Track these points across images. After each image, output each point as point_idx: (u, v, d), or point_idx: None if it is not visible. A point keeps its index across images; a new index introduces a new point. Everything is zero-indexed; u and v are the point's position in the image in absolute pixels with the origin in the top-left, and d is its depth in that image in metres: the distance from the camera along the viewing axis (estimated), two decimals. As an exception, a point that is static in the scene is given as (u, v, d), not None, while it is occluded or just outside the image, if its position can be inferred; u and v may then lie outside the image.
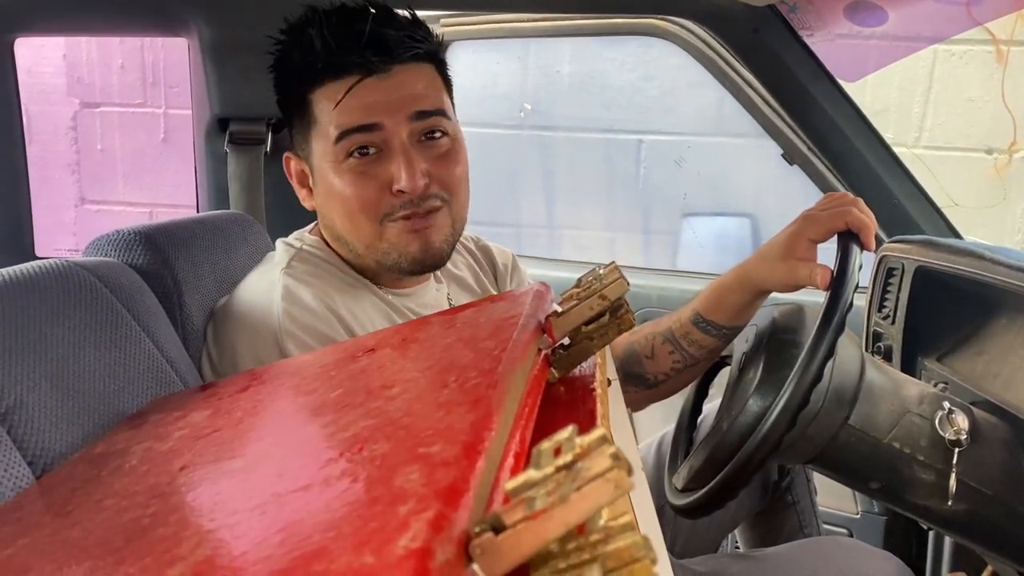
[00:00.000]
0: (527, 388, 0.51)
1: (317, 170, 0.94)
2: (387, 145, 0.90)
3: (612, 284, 0.59)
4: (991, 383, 1.11)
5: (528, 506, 0.30)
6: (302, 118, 0.94)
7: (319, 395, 0.56)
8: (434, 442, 0.39)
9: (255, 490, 0.43)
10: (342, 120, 0.89)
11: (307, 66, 0.90)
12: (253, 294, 0.92)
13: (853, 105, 1.43)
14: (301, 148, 0.97)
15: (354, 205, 0.91)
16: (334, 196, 0.92)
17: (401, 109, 0.90)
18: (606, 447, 0.31)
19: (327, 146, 0.91)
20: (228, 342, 0.90)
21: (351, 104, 0.89)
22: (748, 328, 1.17)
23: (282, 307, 0.86)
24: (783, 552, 0.97)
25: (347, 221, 0.93)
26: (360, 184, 0.90)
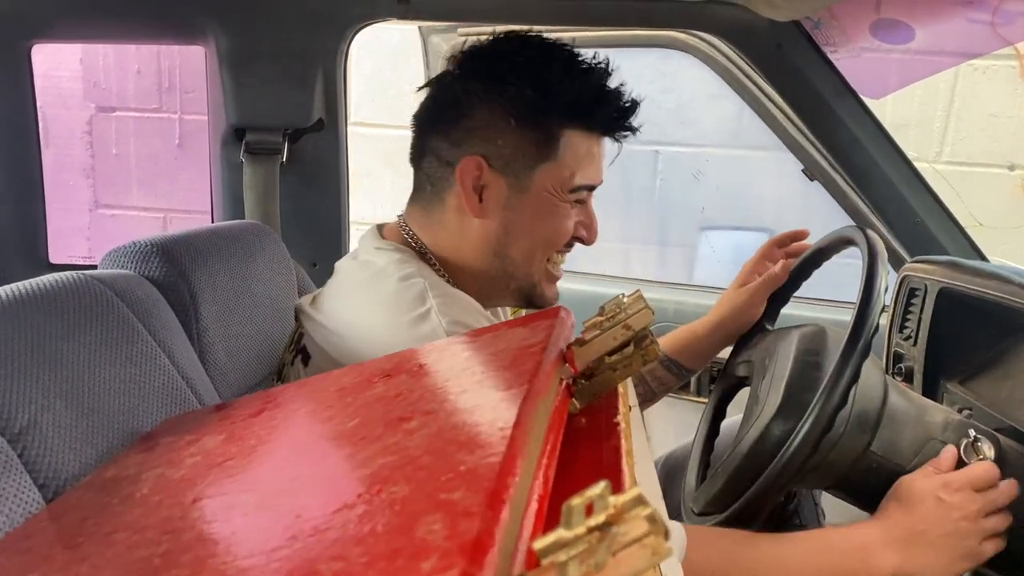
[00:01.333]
0: (549, 423, 0.49)
1: (530, 194, 0.97)
2: (587, 200, 1.02)
3: (637, 314, 0.57)
4: (1017, 409, 1.09)
5: (561, 573, 0.29)
6: (539, 145, 0.95)
7: (335, 424, 0.55)
8: (455, 488, 0.38)
9: (271, 530, 0.41)
10: (588, 174, 0.98)
11: (583, 111, 0.95)
12: (394, 315, 0.91)
13: (876, 122, 1.41)
14: (508, 164, 0.96)
15: (556, 238, 0.99)
16: (540, 224, 0.98)
17: (602, 175, 1.02)
18: (641, 509, 0.30)
19: (559, 185, 0.96)
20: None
21: (596, 163, 0.99)
22: (767, 349, 1.15)
23: (445, 322, 0.87)
24: None
25: (536, 246, 0.99)
26: (564, 224, 0.99)
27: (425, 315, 0.87)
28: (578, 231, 1.01)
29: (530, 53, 0.97)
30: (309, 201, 1.42)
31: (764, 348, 1.16)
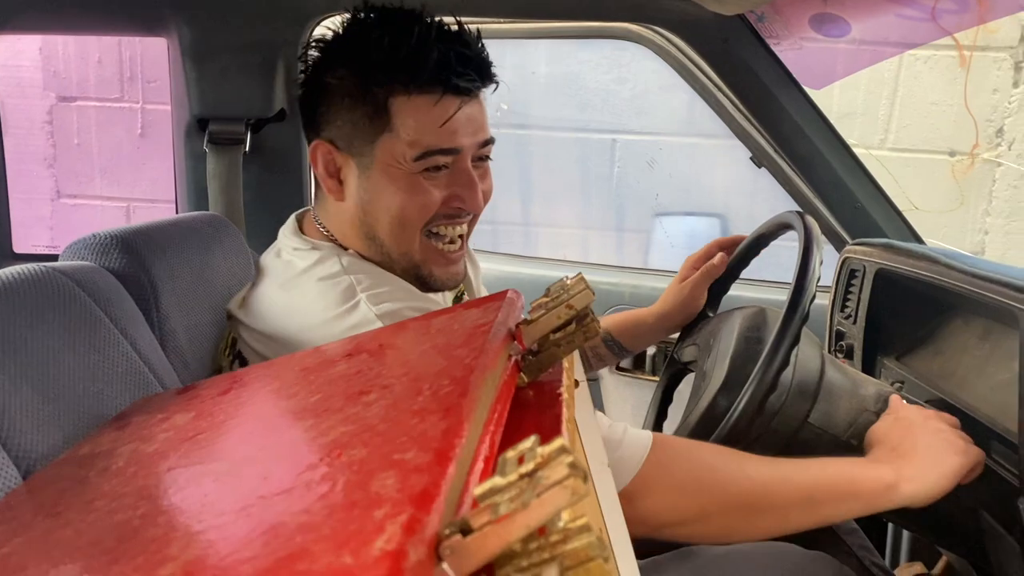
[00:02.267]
0: (497, 394, 0.54)
1: (373, 171, 0.93)
2: (455, 165, 0.94)
3: (579, 294, 0.62)
4: (946, 382, 1.16)
5: (493, 511, 0.33)
6: (372, 118, 0.92)
7: (299, 400, 0.59)
8: (408, 448, 0.42)
9: (240, 492, 0.45)
10: (430, 139, 0.91)
11: (402, 71, 0.90)
12: (321, 312, 0.90)
13: (818, 112, 1.47)
14: (350, 142, 0.94)
15: (414, 214, 0.93)
16: (393, 201, 0.93)
17: (475, 135, 0.94)
18: (564, 456, 0.34)
19: (401, 154, 0.91)
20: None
21: (440, 125, 0.91)
22: (711, 332, 1.21)
23: (375, 310, 0.87)
24: (730, 553, 1.02)
25: (395, 225, 0.94)
26: (425, 196, 0.93)
27: (353, 307, 0.88)
28: (452, 201, 0.94)
29: (355, 28, 0.94)
30: (271, 191, 1.45)
31: (709, 331, 1.22)
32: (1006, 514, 0.97)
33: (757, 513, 0.89)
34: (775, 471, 0.90)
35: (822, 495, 0.89)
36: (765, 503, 0.89)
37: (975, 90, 2.36)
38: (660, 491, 0.85)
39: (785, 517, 0.90)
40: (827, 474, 0.90)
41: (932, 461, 0.91)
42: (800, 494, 0.89)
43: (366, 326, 0.86)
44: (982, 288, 1.01)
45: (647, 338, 1.38)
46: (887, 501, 0.90)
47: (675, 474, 0.87)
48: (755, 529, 0.92)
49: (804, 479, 0.90)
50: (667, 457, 0.87)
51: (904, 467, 0.91)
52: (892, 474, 0.90)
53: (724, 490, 0.88)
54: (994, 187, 2.40)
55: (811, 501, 0.89)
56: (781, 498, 0.89)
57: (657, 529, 0.87)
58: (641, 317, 1.36)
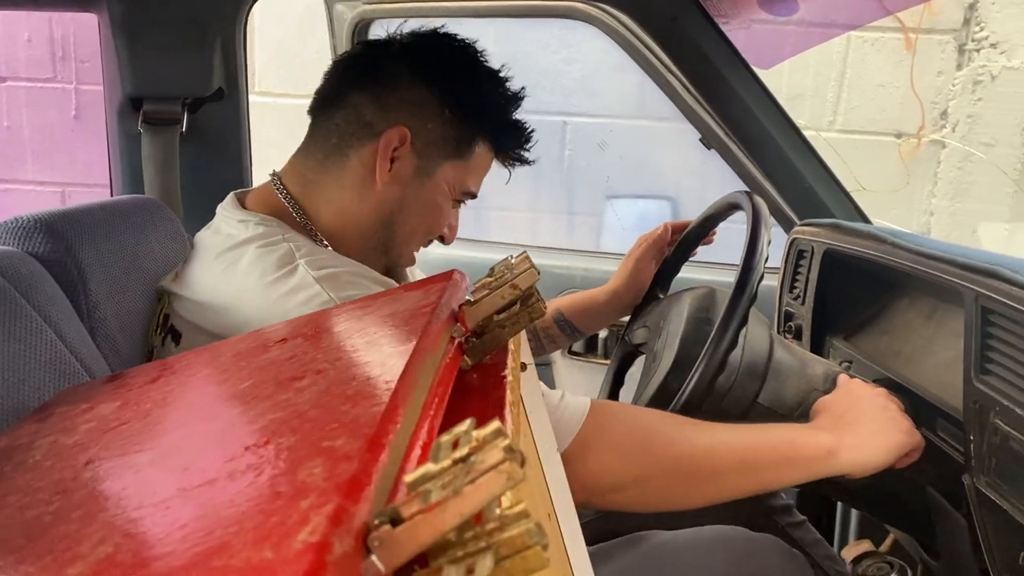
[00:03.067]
0: (437, 377, 0.51)
1: (428, 178, 1.00)
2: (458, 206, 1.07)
3: (523, 274, 0.60)
4: (893, 361, 1.17)
5: (424, 499, 0.31)
6: (457, 144, 1.00)
7: (229, 386, 0.56)
8: (339, 436, 0.40)
9: (160, 484, 0.43)
10: (477, 184, 1.06)
11: (501, 131, 1.04)
12: (258, 277, 0.90)
13: (767, 92, 1.47)
14: (425, 147, 0.99)
15: (435, 227, 1.05)
16: (431, 212, 1.03)
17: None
18: (500, 440, 0.32)
19: (453, 183, 1.02)
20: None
21: (483, 176, 1.07)
22: (661, 313, 1.21)
23: (314, 273, 0.87)
24: (678, 538, 1.02)
25: (414, 227, 1.03)
26: (443, 219, 1.05)
27: (292, 271, 0.87)
28: (446, 230, 1.07)
29: (462, 56, 1.03)
30: (210, 173, 1.40)
31: (659, 312, 1.22)
32: (952, 491, 0.98)
33: (697, 478, 0.89)
34: (715, 435, 0.90)
35: (762, 460, 0.90)
36: (705, 467, 0.89)
37: (920, 72, 2.39)
38: (599, 454, 0.84)
39: (724, 482, 0.90)
40: (767, 439, 0.91)
41: (874, 434, 0.92)
42: (740, 458, 0.89)
43: (305, 289, 0.84)
44: (928, 266, 1.01)
45: (600, 318, 1.37)
46: (826, 467, 0.90)
47: (614, 437, 0.86)
48: (694, 493, 0.91)
49: (744, 444, 0.90)
50: (606, 420, 0.86)
51: (845, 436, 0.91)
52: (833, 441, 0.90)
53: (663, 453, 0.88)
54: (939, 168, 2.43)
55: (751, 466, 0.89)
56: (721, 462, 0.89)
57: (597, 494, 0.86)
58: (593, 296, 1.36)
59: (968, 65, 2.34)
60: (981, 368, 0.90)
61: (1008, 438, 0.85)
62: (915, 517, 1.08)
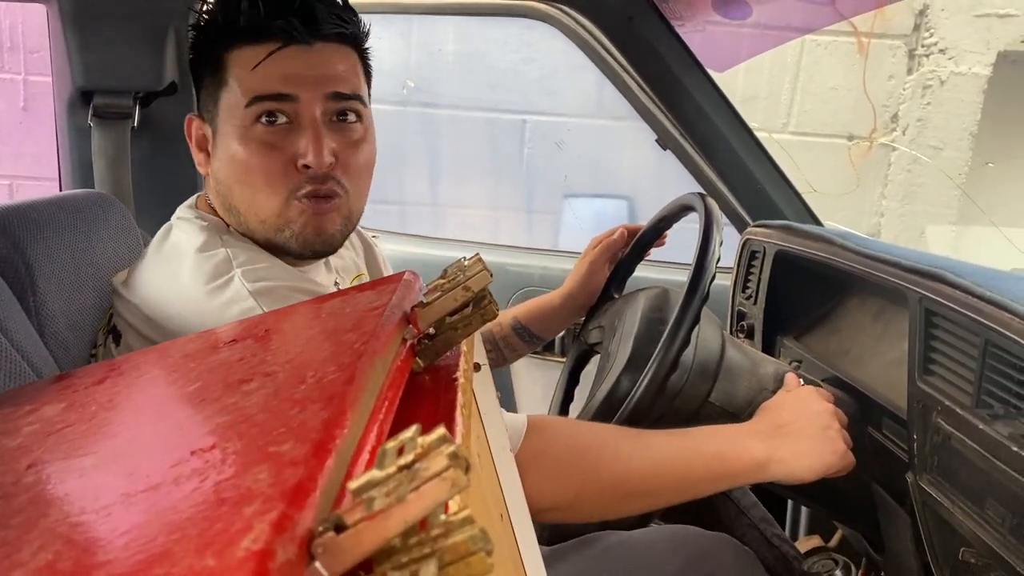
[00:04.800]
0: (388, 380, 0.51)
1: (220, 134, 0.91)
2: (298, 118, 0.88)
3: (476, 276, 0.60)
4: (841, 360, 1.19)
5: (367, 506, 0.31)
6: (213, 78, 0.90)
7: (177, 388, 0.55)
8: (285, 440, 0.39)
9: (104, 490, 0.42)
10: (256, 85, 0.87)
11: (227, 25, 0.88)
12: (194, 286, 0.85)
13: (721, 94, 1.49)
14: (207, 110, 0.93)
15: (257, 176, 0.88)
16: (236, 164, 0.89)
17: (319, 85, 0.88)
18: (445, 447, 0.33)
19: (235, 110, 0.88)
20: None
21: (268, 71, 0.87)
22: (616, 312, 1.22)
23: (249, 287, 0.83)
24: (632, 538, 1.03)
25: (247, 191, 0.90)
26: (266, 155, 0.88)
27: (228, 282, 0.84)
28: (296, 159, 0.88)
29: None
30: (162, 168, 1.38)
31: (614, 312, 1.23)
32: (897, 488, 1.00)
33: (630, 496, 0.89)
34: (650, 455, 0.89)
35: (695, 476, 0.90)
36: (640, 487, 0.89)
37: (872, 76, 2.43)
38: (534, 479, 0.82)
39: (658, 498, 0.91)
40: (700, 455, 0.91)
41: (807, 452, 0.92)
42: (674, 478, 0.90)
43: (239, 303, 0.82)
44: (874, 268, 1.04)
45: (557, 322, 1.37)
46: (755, 478, 0.92)
47: (549, 461, 0.85)
48: (628, 509, 0.93)
49: (678, 463, 0.90)
50: (542, 443, 0.85)
51: (779, 447, 0.92)
52: (764, 452, 0.91)
53: (599, 476, 0.87)
54: (889, 171, 2.49)
55: (684, 481, 0.90)
56: (655, 482, 0.89)
57: (533, 513, 0.85)
58: (548, 301, 1.36)
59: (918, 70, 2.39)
60: (924, 369, 0.92)
61: (950, 437, 0.87)
62: (861, 513, 1.10)
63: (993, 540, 0.80)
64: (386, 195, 2.33)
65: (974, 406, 0.83)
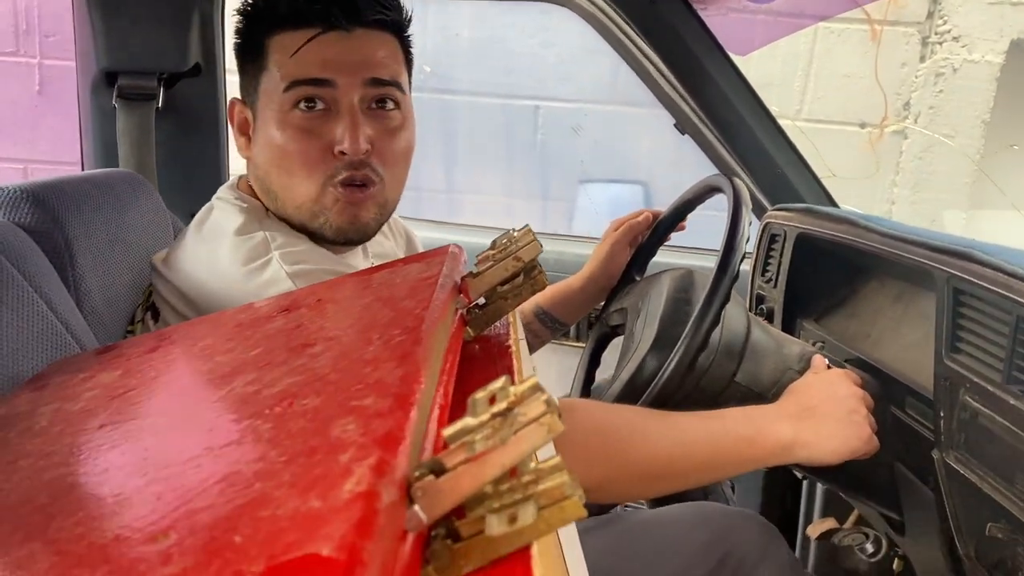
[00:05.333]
0: (448, 345, 0.53)
1: (260, 119, 0.92)
2: (336, 105, 0.89)
3: (527, 246, 0.61)
4: (862, 342, 1.20)
5: (468, 449, 0.32)
6: (255, 63, 0.91)
7: (237, 354, 0.56)
8: (366, 395, 0.40)
9: (185, 446, 0.43)
10: (294, 70, 0.88)
11: (269, 11, 0.89)
12: (232, 267, 0.86)
13: (742, 78, 1.49)
14: (248, 94, 0.94)
15: (294, 161, 0.89)
16: (274, 149, 0.90)
17: (357, 71, 0.88)
18: (540, 394, 0.34)
19: (274, 95, 0.89)
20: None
21: (307, 56, 0.88)
22: (640, 294, 1.23)
23: (287, 269, 0.83)
24: (658, 516, 1.04)
25: (284, 176, 0.90)
26: (303, 140, 0.88)
27: (265, 264, 0.84)
28: (333, 145, 0.89)
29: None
30: (186, 149, 1.39)
31: (637, 293, 1.23)
32: (920, 466, 1.01)
33: (659, 479, 0.89)
34: (678, 438, 0.89)
35: (722, 459, 0.90)
36: (667, 470, 0.89)
37: (885, 64, 2.44)
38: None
39: (685, 480, 0.92)
40: (728, 438, 0.91)
41: (832, 435, 0.93)
42: (701, 461, 0.90)
43: (277, 285, 0.82)
44: (901, 249, 1.04)
45: (579, 306, 1.36)
46: (779, 460, 0.92)
47: (578, 443, 0.84)
48: (655, 491, 0.94)
49: (705, 446, 0.90)
50: (571, 427, 0.85)
51: (804, 430, 0.92)
52: (790, 434, 0.91)
53: (626, 459, 0.87)
54: (901, 159, 2.49)
55: (710, 465, 0.90)
56: (682, 464, 0.89)
57: None
58: (568, 285, 1.35)
59: (931, 57, 2.40)
60: (952, 347, 0.93)
61: (977, 414, 0.88)
62: (882, 491, 1.11)
63: (1022, 513, 0.81)
64: (400, 181, 2.32)
65: (1005, 382, 0.83)
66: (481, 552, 0.33)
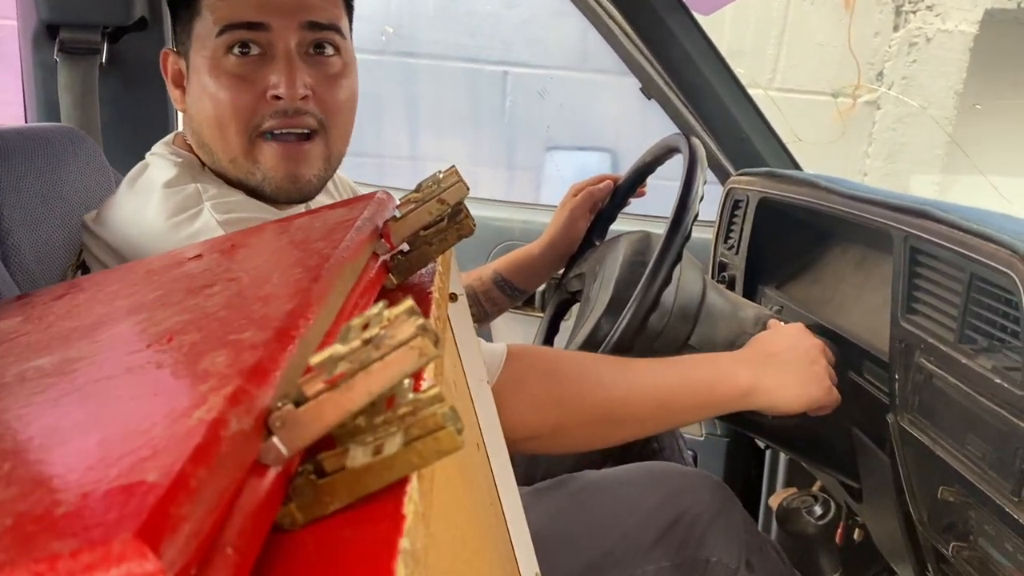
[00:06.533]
0: (359, 289, 0.50)
1: (192, 68, 0.87)
2: (271, 49, 0.84)
3: (451, 188, 0.58)
4: (823, 308, 1.18)
5: (329, 372, 0.29)
6: (187, 9, 0.86)
7: (137, 298, 0.53)
8: (246, 330, 0.37)
9: (55, 386, 0.40)
10: (227, 13, 0.83)
11: None
12: (161, 219, 0.81)
13: (708, 41, 1.46)
14: (182, 44, 0.89)
15: (226, 109, 0.84)
16: (206, 97, 0.85)
17: (294, 14, 0.84)
18: (414, 318, 0.31)
19: (207, 41, 0.84)
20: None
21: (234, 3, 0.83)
22: (597, 259, 1.20)
23: (219, 217, 0.80)
24: (608, 476, 1.02)
25: (215, 128, 0.85)
26: (236, 87, 0.84)
27: (196, 215, 0.80)
28: (268, 90, 0.84)
29: None
30: (131, 106, 1.34)
31: (595, 258, 1.21)
32: (876, 431, 1.00)
33: (614, 423, 0.88)
34: (634, 380, 0.88)
35: (680, 403, 0.89)
36: (623, 413, 0.87)
37: (858, 33, 2.41)
38: (514, 406, 0.80)
39: (642, 425, 0.91)
40: (686, 381, 0.90)
41: (793, 383, 0.92)
42: (658, 403, 0.89)
43: (207, 233, 0.78)
44: (859, 209, 1.02)
45: (538, 273, 1.34)
46: (740, 405, 0.91)
47: (529, 389, 0.84)
48: (611, 438, 0.92)
49: (662, 388, 0.88)
50: (522, 371, 0.83)
51: (765, 376, 0.91)
52: (750, 380, 0.90)
53: (581, 403, 0.86)
54: (874, 129, 2.48)
55: (668, 409, 0.89)
56: (638, 409, 0.88)
57: (512, 443, 0.83)
58: (528, 252, 1.33)
59: (904, 27, 2.38)
60: (908, 308, 0.91)
61: (932, 376, 0.86)
62: (840, 458, 1.10)
63: (973, 475, 0.79)
64: (364, 148, 2.28)
65: (957, 341, 0.82)
66: (348, 488, 0.30)
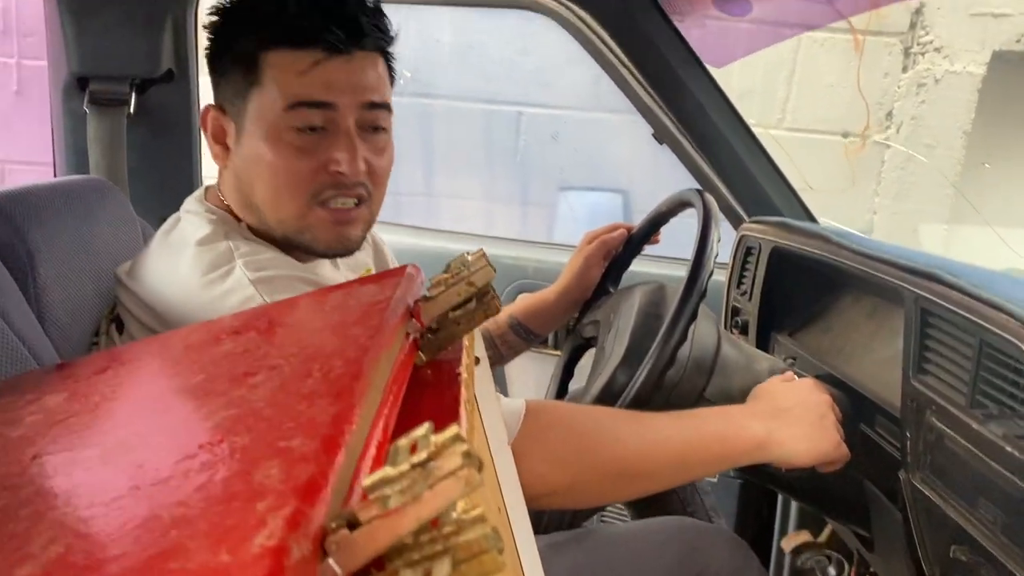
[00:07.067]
0: (393, 375, 0.52)
1: (248, 132, 0.91)
2: (333, 126, 0.89)
3: (479, 271, 0.60)
4: (835, 357, 1.20)
5: (382, 504, 0.32)
6: (244, 75, 0.90)
7: (181, 380, 0.55)
8: (294, 436, 0.40)
9: (112, 482, 0.42)
10: (299, 91, 0.88)
11: (270, 25, 0.88)
12: (194, 277, 0.85)
13: (719, 90, 1.49)
14: (230, 104, 0.92)
15: (285, 178, 0.89)
16: (263, 164, 0.89)
17: (357, 95, 0.90)
18: (458, 445, 0.33)
19: (272, 112, 0.88)
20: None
21: (312, 79, 0.88)
22: (612, 307, 1.22)
23: (251, 275, 0.83)
24: (628, 531, 1.03)
25: (270, 191, 0.90)
26: (297, 159, 0.89)
27: (228, 272, 0.84)
28: (329, 165, 0.89)
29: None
30: (158, 155, 1.38)
31: (609, 307, 1.23)
32: (888, 485, 1.01)
33: (630, 479, 0.90)
34: (649, 436, 0.89)
35: (695, 458, 0.91)
36: (639, 469, 0.89)
37: (867, 74, 2.44)
38: (532, 464, 0.81)
39: (657, 480, 0.92)
40: (700, 435, 0.91)
41: (804, 437, 0.93)
42: (673, 458, 0.90)
43: (239, 291, 0.82)
44: (870, 267, 1.04)
45: (553, 318, 1.37)
46: (753, 458, 0.93)
47: (547, 446, 0.85)
48: (627, 493, 0.95)
49: (678, 443, 0.90)
50: (540, 428, 0.85)
51: (777, 430, 0.93)
52: (764, 434, 0.92)
53: (597, 459, 0.87)
54: (883, 168, 2.50)
55: (683, 463, 0.91)
56: (654, 464, 0.89)
57: (529, 499, 0.85)
58: (543, 297, 1.36)
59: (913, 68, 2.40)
60: (919, 368, 0.92)
61: (943, 437, 0.87)
62: (852, 509, 1.11)
63: (984, 539, 0.80)
64: (381, 185, 2.30)
65: (968, 406, 0.83)
66: (397, 607, 0.32)
